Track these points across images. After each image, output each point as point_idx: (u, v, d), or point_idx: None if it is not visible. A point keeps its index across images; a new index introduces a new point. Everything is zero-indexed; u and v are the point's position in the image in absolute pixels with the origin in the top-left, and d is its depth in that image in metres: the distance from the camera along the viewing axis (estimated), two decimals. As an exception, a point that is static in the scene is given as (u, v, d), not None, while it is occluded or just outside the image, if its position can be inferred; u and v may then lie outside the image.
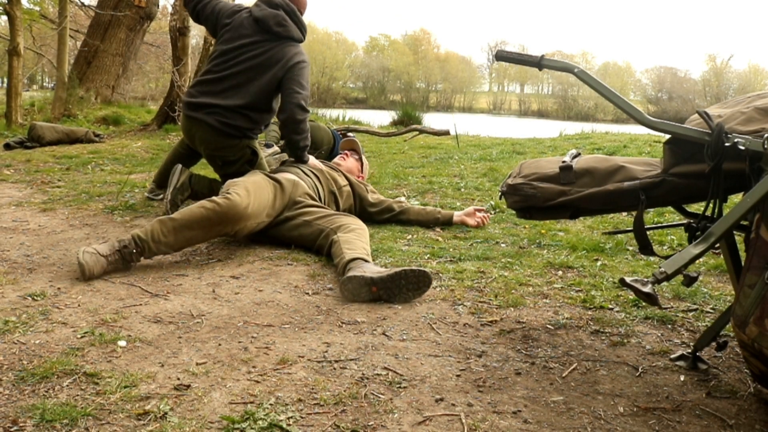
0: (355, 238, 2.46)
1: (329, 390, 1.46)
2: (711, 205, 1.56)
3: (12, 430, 1.26)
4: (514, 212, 1.92)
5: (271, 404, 1.39)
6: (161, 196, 3.49)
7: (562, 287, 2.25)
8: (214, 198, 2.48)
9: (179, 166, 3.17)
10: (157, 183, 3.53)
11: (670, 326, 1.93)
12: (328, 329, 1.83)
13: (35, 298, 1.98)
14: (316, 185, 2.95)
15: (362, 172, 3.54)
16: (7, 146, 5.54)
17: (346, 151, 3.55)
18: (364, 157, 3.60)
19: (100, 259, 2.21)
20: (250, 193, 2.54)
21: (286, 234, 2.69)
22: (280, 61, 3.08)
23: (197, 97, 3.12)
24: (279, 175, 2.82)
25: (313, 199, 2.82)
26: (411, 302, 2.07)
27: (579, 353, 1.73)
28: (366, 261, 2.27)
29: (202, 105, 3.10)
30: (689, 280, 1.47)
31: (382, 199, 3.19)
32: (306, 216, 2.68)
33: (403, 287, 2.07)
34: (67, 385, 1.44)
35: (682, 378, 1.61)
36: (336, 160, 3.44)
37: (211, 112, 3.06)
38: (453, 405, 1.42)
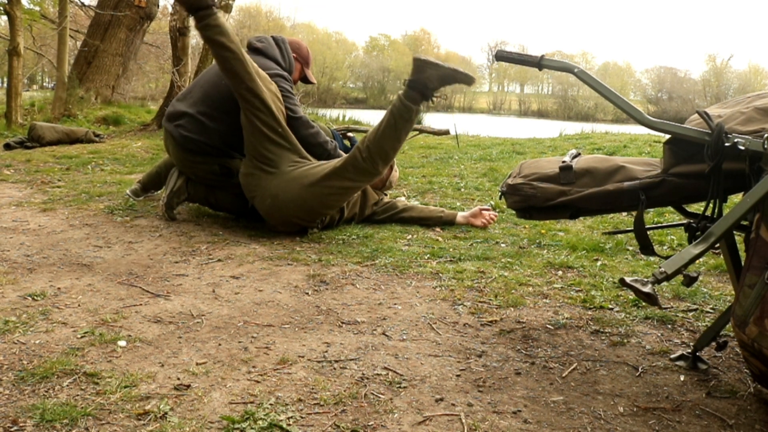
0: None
1: (329, 390, 1.46)
2: (711, 205, 1.56)
3: (12, 430, 1.26)
4: (514, 212, 1.92)
5: (271, 404, 1.39)
6: (141, 198, 3.47)
7: (562, 287, 2.25)
8: None
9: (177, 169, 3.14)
10: (144, 184, 3.47)
11: (670, 326, 1.93)
12: (328, 329, 1.83)
13: (35, 298, 1.98)
14: None
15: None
16: (7, 146, 5.55)
17: None
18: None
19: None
20: None
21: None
22: None
23: (173, 106, 3.05)
24: None
25: None
26: (410, 301, 2.07)
27: (579, 353, 1.73)
28: None
29: (173, 115, 3.00)
30: (689, 280, 1.47)
31: (385, 198, 3.21)
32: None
33: None
34: (67, 385, 1.44)
35: (682, 378, 1.61)
36: None
37: (178, 125, 2.95)
38: (453, 405, 1.42)
